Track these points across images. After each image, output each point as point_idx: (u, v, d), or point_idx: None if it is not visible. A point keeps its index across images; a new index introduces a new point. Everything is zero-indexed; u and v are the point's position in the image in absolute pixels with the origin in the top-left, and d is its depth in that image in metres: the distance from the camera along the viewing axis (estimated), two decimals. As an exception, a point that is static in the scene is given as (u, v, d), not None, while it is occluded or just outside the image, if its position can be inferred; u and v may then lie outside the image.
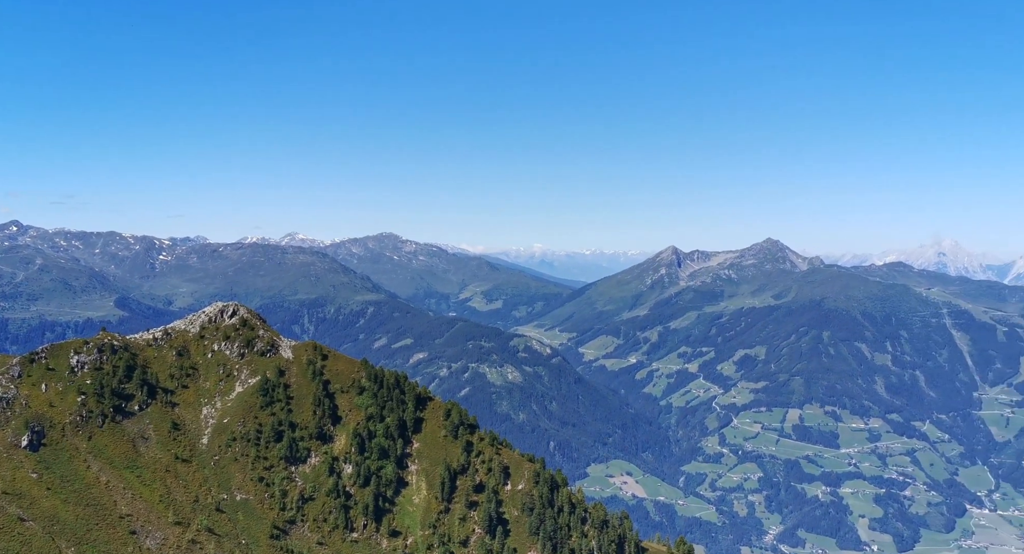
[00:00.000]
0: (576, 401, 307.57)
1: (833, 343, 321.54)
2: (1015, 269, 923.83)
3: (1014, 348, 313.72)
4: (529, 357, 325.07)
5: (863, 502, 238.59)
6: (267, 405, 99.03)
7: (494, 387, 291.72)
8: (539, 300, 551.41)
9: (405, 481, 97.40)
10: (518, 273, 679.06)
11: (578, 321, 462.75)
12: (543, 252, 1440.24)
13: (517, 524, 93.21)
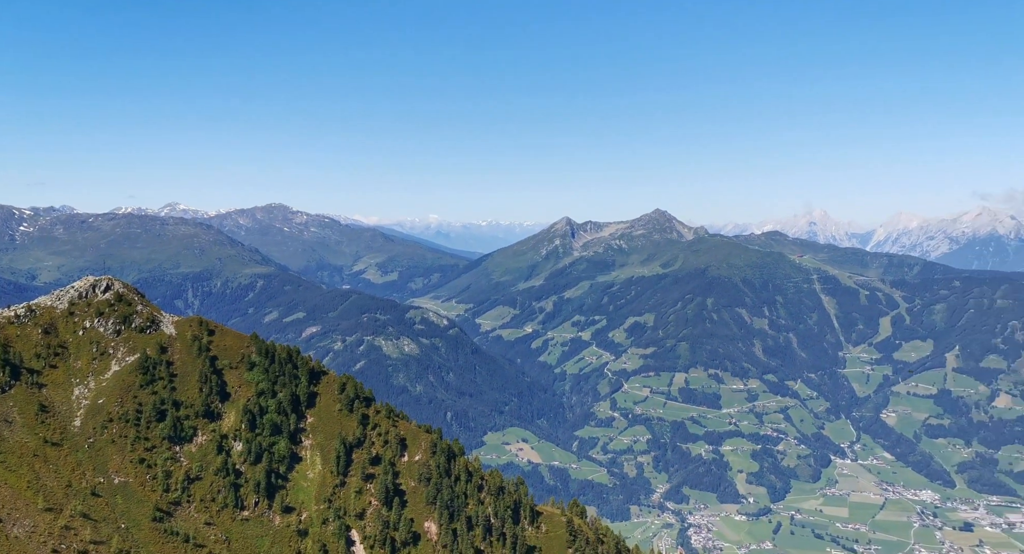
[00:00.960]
0: (473, 371, 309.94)
1: (716, 309, 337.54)
2: (875, 237, 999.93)
3: (874, 310, 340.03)
4: (426, 329, 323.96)
5: (741, 458, 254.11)
6: (148, 384, 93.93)
7: (390, 360, 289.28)
8: (435, 271, 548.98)
9: (299, 456, 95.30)
10: (414, 244, 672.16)
11: (475, 292, 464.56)
12: (439, 223, 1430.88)
13: (414, 494, 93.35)
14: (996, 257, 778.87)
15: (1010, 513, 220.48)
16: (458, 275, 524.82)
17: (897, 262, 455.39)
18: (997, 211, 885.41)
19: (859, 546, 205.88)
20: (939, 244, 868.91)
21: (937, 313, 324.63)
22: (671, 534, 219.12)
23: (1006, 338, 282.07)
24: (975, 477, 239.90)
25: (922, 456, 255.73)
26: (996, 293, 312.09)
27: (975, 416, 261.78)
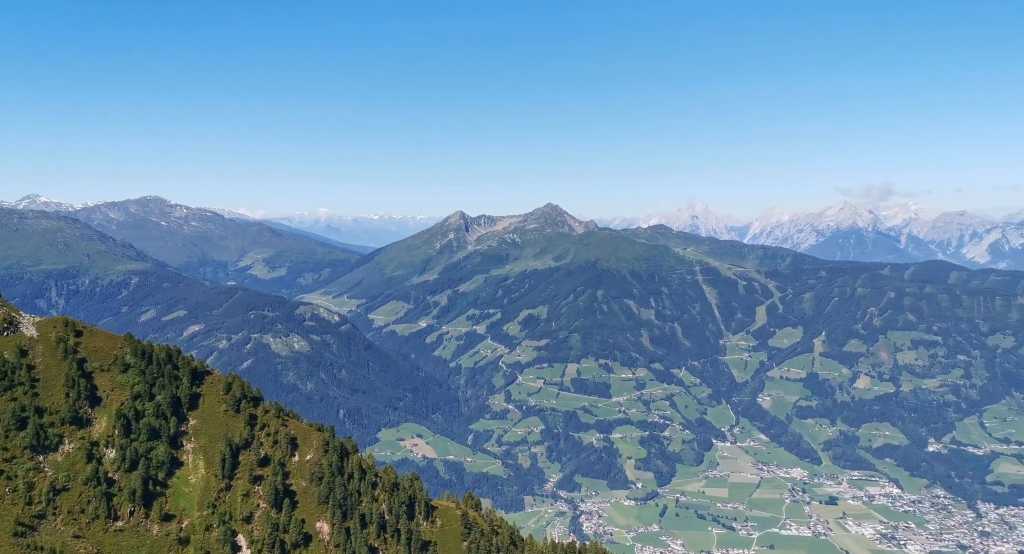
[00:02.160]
0: (366, 368, 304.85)
1: (606, 301, 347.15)
2: (752, 230, 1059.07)
3: (751, 300, 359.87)
4: (317, 325, 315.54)
5: (631, 445, 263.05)
6: (6, 390, 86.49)
7: (279, 357, 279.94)
8: (326, 267, 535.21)
9: (180, 461, 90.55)
10: (303, 239, 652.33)
11: (367, 287, 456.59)
12: (329, 217, 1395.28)
13: (305, 495, 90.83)
14: (857, 248, 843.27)
15: (869, 486, 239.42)
16: (350, 270, 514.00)
17: (771, 254, 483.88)
18: (857, 206, 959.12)
19: (737, 524, 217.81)
20: (807, 236, 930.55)
21: (806, 301, 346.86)
22: (564, 522, 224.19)
23: (865, 324, 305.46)
24: (839, 454, 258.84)
25: (793, 436, 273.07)
26: (857, 282, 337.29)
27: (839, 397, 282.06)
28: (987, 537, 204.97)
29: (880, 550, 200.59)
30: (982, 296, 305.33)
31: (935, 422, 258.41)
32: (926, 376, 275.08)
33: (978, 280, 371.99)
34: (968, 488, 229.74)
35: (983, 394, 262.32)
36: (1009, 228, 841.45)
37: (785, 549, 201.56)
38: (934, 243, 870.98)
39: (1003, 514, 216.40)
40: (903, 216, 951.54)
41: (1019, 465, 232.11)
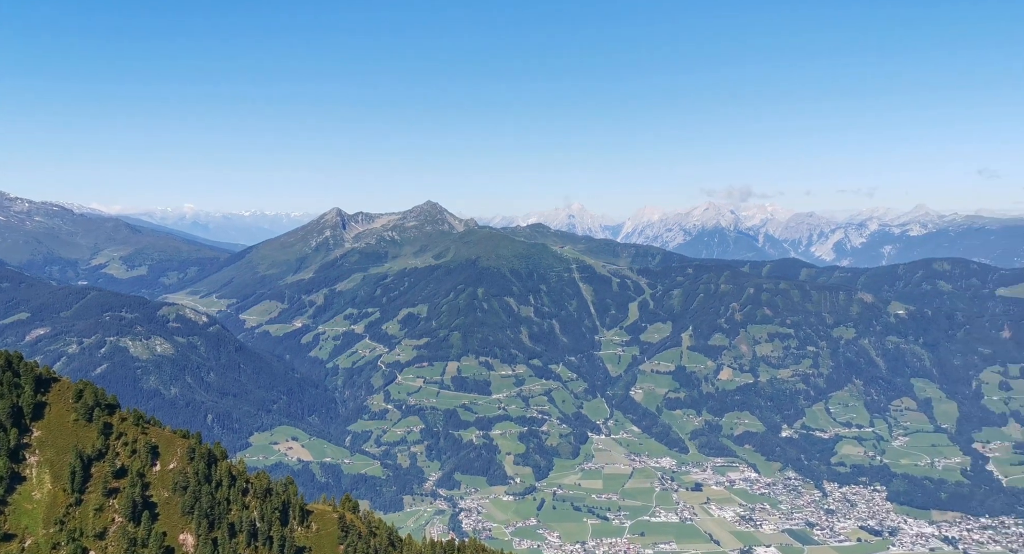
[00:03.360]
0: (237, 370, 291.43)
1: (486, 299, 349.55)
2: (625, 229, 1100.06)
3: (624, 296, 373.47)
4: (182, 327, 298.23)
5: (510, 441, 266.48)
6: None
7: (139, 362, 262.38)
8: (192, 265, 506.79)
9: (22, 476, 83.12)
10: (166, 236, 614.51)
11: (239, 286, 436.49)
12: (195, 213, 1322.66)
13: (168, 506, 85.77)
14: (720, 247, 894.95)
15: (731, 472, 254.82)
16: (219, 269, 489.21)
17: (642, 252, 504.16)
18: (720, 206, 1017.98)
19: (611, 514, 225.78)
20: (676, 235, 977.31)
21: (675, 298, 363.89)
22: (443, 520, 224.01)
23: (728, 319, 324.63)
24: (704, 442, 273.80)
25: (663, 427, 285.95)
26: (720, 279, 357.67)
27: (704, 388, 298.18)
28: (832, 514, 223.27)
29: (739, 531, 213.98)
30: (828, 291, 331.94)
31: (788, 409, 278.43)
32: (781, 367, 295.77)
33: (824, 276, 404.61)
34: (816, 470, 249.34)
35: (829, 382, 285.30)
36: (851, 228, 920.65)
37: (655, 535, 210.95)
38: (787, 242, 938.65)
39: (845, 492, 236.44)
40: (760, 216, 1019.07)
41: (859, 447, 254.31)
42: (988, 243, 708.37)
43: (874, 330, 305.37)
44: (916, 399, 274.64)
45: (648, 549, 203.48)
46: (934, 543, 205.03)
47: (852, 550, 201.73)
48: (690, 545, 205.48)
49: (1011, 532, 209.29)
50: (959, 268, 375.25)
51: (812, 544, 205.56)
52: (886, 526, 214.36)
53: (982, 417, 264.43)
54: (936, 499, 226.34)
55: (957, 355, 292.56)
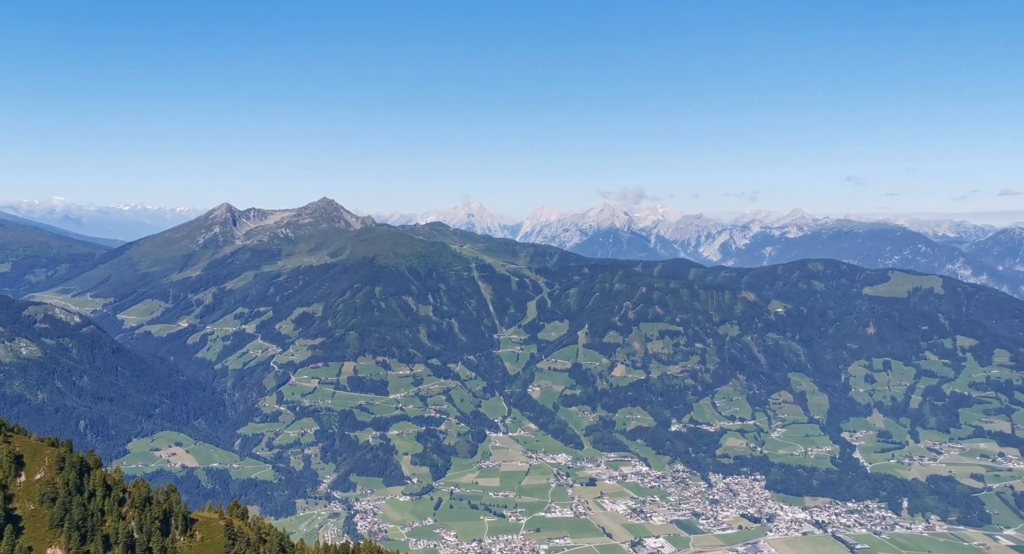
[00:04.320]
0: (115, 373, 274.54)
1: (384, 298, 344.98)
2: (524, 228, 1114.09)
3: (523, 295, 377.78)
4: (52, 327, 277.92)
5: (407, 441, 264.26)
6: None
7: (2, 365, 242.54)
8: (63, 262, 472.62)
9: None
10: (33, 230, 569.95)
11: (117, 285, 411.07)
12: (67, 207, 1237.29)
13: (34, 519, 79.87)
14: (615, 247, 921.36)
15: (623, 466, 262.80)
16: (94, 266, 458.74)
17: (541, 251, 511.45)
18: (615, 208, 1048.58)
19: (507, 511, 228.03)
20: (573, 235, 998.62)
21: (572, 296, 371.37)
22: (338, 523, 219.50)
23: (622, 317, 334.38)
24: (598, 438, 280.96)
25: (559, 423, 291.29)
26: (615, 278, 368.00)
27: (599, 385, 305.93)
28: (716, 504, 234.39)
29: (630, 523, 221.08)
30: (714, 290, 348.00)
31: (677, 404, 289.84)
32: (670, 363, 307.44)
33: (712, 276, 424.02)
34: (702, 462, 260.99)
35: (715, 377, 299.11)
36: (735, 230, 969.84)
37: (550, 531, 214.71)
38: (677, 243, 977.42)
39: (729, 483, 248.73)
40: (652, 218, 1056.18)
41: (742, 439, 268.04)
42: (856, 245, 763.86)
43: (756, 327, 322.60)
44: (793, 392, 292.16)
45: (543, 545, 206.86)
46: (807, 527, 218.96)
47: (734, 537, 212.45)
48: (584, 539, 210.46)
49: (874, 515, 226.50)
50: (831, 269, 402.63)
51: (698, 533, 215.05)
52: (764, 513, 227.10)
53: (850, 408, 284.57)
54: (809, 486, 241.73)
55: (828, 350, 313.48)
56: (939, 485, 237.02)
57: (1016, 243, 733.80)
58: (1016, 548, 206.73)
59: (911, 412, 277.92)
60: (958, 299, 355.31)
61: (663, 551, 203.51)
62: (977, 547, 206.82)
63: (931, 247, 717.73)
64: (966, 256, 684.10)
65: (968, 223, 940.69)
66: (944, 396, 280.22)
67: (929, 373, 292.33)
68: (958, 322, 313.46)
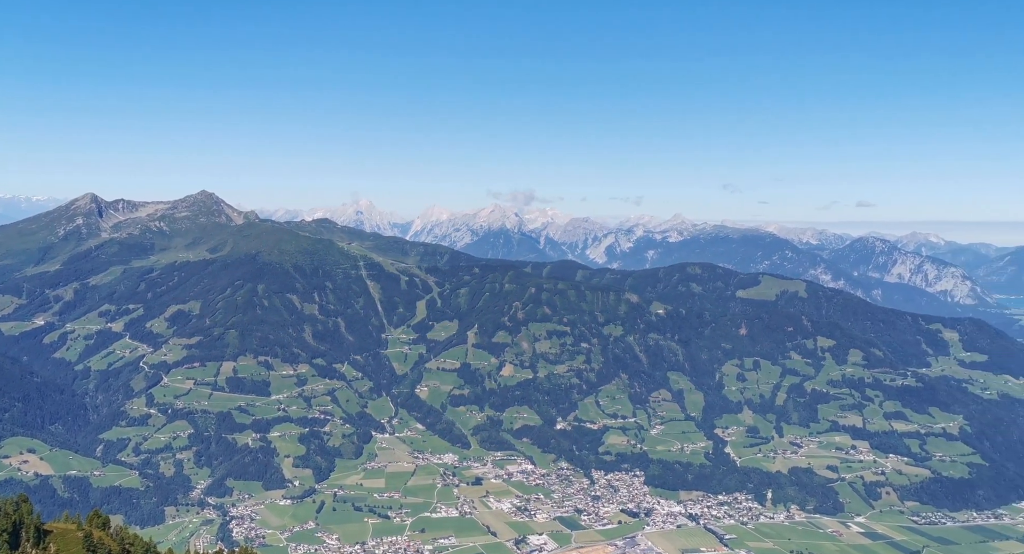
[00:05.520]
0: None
1: (267, 295, 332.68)
2: (414, 227, 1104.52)
3: (412, 295, 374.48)
4: None
5: (289, 443, 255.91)
6: None
7: None
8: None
9: None
10: None
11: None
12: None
13: None
14: (505, 248, 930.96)
15: (509, 465, 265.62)
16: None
17: (431, 251, 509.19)
18: (506, 209, 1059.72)
19: (392, 512, 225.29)
20: (464, 235, 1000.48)
21: (462, 296, 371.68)
22: (211, 530, 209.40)
23: (511, 317, 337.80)
24: (485, 437, 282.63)
25: (447, 424, 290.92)
26: (504, 278, 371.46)
27: (487, 384, 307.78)
28: (597, 500, 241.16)
29: (515, 521, 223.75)
30: (600, 292, 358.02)
31: (563, 403, 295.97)
32: (557, 362, 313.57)
33: (598, 278, 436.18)
34: (585, 459, 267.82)
35: (599, 376, 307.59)
36: (620, 234, 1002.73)
37: (435, 531, 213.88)
38: (565, 245, 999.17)
39: (610, 479, 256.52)
40: (542, 220, 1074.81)
41: (624, 436, 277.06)
42: (731, 250, 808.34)
43: (638, 328, 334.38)
44: (671, 391, 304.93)
45: (428, 545, 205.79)
46: (681, 520, 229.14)
47: (613, 532, 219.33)
48: (469, 538, 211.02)
49: (742, 506, 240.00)
50: (708, 272, 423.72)
51: (579, 529, 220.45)
52: (643, 507, 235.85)
53: (723, 405, 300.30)
54: (684, 480, 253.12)
55: (705, 350, 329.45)
56: (799, 477, 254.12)
57: (869, 251, 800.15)
58: (865, 534, 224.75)
59: (776, 408, 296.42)
60: (819, 302, 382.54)
61: (546, 548, 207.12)
62: (830, 534, 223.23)
63: (797, 253, 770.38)
64: (827, 262, 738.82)
65: (829, 232, 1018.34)
66: (805, 393, 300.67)
67: (793, 372, 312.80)
68: (819, 324, 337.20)
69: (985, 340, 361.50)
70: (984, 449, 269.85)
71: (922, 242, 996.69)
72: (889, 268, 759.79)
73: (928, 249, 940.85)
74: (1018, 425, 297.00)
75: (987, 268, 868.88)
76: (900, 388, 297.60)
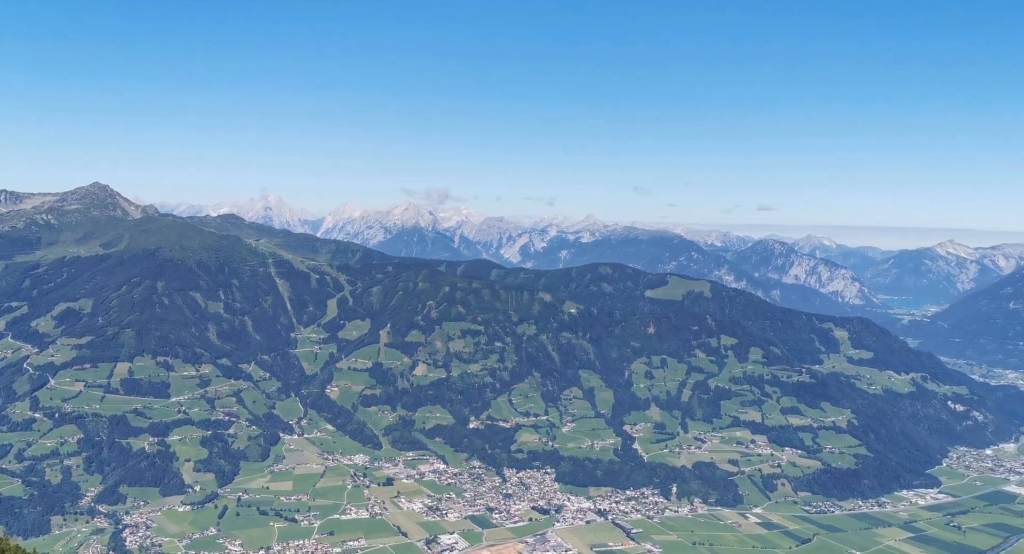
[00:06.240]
0: None
1: (168, 293, 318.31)
2: (325, 224, 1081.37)
3: (323, 293, 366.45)
4: None
5: (190, 447, 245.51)
6: None
7: None
8: None
9: None
10: None
11: None
12: None
13: None
14: (419, 246, 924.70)
15: (421, 465, 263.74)
16: None
17: (343, 248, 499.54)
18: (420, 207, 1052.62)
19: (300, 515, 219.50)
20: (377, 233, 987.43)
21: (374, 295, 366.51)
22: (102, 540, 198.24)
23: (424, 316, 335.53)
24: (397, 437, 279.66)
25: (358, 424, 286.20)
26: (419, 277, 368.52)
27: (400, 384, 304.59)
28: (509, 498, 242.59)
29: (426, 521, 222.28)
30: (514, 291, 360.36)
31: (476, 402, 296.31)
32: (471, 361, 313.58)
33: (512, 277, 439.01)
34: (498, 457, 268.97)
35: (512, 375, 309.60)
36: (535, 234, 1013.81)
37: (344, 533, 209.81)
38: (480, 244, 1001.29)
39: (522, 477, 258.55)
40: (457, 219, 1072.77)
41: (536, 434, 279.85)
42: (640, 251, 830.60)
43: (551, 327, 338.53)
44: (582, 388, 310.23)
45: (337, 547, 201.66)
46: (590, 516, 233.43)
47: (524, 529, 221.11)
48: (379, 539, 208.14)
49: (648, 501, 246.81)
50: (618, 272, 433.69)
51: (491, 527, 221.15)
52: (553, 504, 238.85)
53: (631, 402, 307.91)
54: (594, 477, 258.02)
55: (615, 349, 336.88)
56: (703, 471, 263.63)
57: (769, 253, 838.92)
58: (762, 524, 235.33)
59: (682, 405, 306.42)
60: (723, 302, 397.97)
61: (457, 547, 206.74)
62: (731, 525, 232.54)
63: (702, 254, 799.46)
64: (730, 263, 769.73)
65: (732, 234, 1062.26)
66: (709, 390, 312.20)
67: (698, 369, 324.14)
68: (722, 323, 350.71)
69: (871, 338, 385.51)
70: (869, 441, 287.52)
71: (816, 245, 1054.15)
72: (787, 269, 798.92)
73: (822, 252, 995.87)
74: (899, 418, 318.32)
75: (874, 270, 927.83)
76: (795, 384, 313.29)
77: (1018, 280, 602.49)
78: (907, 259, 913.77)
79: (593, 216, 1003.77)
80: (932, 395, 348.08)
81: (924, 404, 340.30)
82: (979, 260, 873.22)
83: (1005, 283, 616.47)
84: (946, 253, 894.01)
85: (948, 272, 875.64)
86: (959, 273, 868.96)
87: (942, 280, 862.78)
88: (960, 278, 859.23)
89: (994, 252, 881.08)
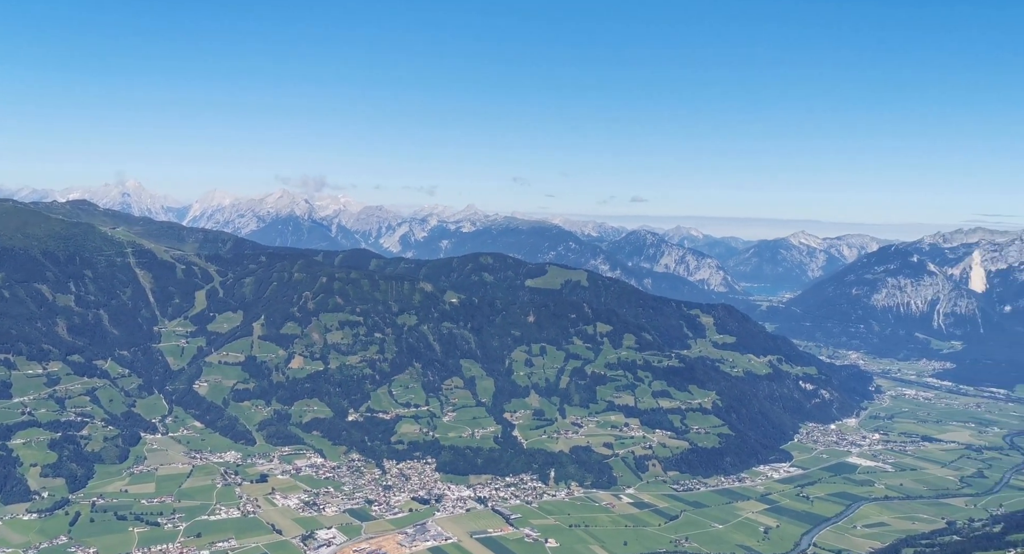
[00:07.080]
0: None
1: (9, 285, 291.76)
2: (192, 212, 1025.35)
3: (191, 284, 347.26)
4: None
5: (37, 450, 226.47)
6: None
7: None
8: None
9: None
10: None
11: None
12: None
13: None
14: (294, 235, 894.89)
15: (297, 459, 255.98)
16: None
17: (212, 237, 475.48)
18: (295, 195, 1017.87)
19: (163, 518, 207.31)
20: (249, 222, 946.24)
21: (247, 286, 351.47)
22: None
23: (301, 307, 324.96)
24: (272, 432, 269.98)
25: (229, 420, 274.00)
26: (294, 267, 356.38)
27: (275, 378, 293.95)
28: (389, 489, 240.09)
29: (302, 517, 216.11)
30: (395, 281, 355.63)
31: (355, 394, 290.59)
32: (350, 353, 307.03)
33: (392, 267, 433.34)
34: (377, 449, 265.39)
35: (393, 366, 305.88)
36: (415, 223, 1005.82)
37: (213, 535, 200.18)
38: (359, 233, 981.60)
39: (402, 468, 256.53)
40: (334, 207, 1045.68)
41: (416, 425, 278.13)
42: (521, 241, 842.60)
43: (432, 317, 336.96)
44: (464, 378, 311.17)
45: (205, 550, 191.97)
46: (471, 504, 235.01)
47: (404, 520, 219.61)
48: (251, 538, 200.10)
49: (527, 487, 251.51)
50: (499, 262, 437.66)
51: (370, 520, 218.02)
52: (434, 494, 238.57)
53: (512, 390, 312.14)
54: (474, 465, 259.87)
55: (496, 338, 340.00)
56: (579, 455, 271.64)
57: (641, 243, 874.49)
58: (634, 504, 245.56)
59: (560, 391, 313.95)
60: (599, 290, 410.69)
61: (334, 541, 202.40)
62: (605, 506, 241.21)
63: (579, 244, 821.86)
64: (605, 253, 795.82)
65: (607, 225, 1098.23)
66: (586, 376, 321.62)
67: (575, 356, 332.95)
68: (598, 311, 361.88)
69: (734, 324, 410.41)
70: (731, 421, 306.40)
71: (685, 235, 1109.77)
72: (658, 259, 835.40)
73: (690, 242, 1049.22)
74: (758, 398, 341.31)
75: (736, 259, 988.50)
76: (666, 369, 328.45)
77: (859, 268, 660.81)
78: (765, 249, 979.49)
79: (474, 206, 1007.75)
80: (786, 376, 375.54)
81: (779, 385, 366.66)
82: (827, 249, 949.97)
83: (848, 271, 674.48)
84: (799, 243, 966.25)
85: (800, 261, 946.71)
86: (810, 262, 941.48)
87: (795, 268, 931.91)
88: (811, 266, 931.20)
89: (839, 242, 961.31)
